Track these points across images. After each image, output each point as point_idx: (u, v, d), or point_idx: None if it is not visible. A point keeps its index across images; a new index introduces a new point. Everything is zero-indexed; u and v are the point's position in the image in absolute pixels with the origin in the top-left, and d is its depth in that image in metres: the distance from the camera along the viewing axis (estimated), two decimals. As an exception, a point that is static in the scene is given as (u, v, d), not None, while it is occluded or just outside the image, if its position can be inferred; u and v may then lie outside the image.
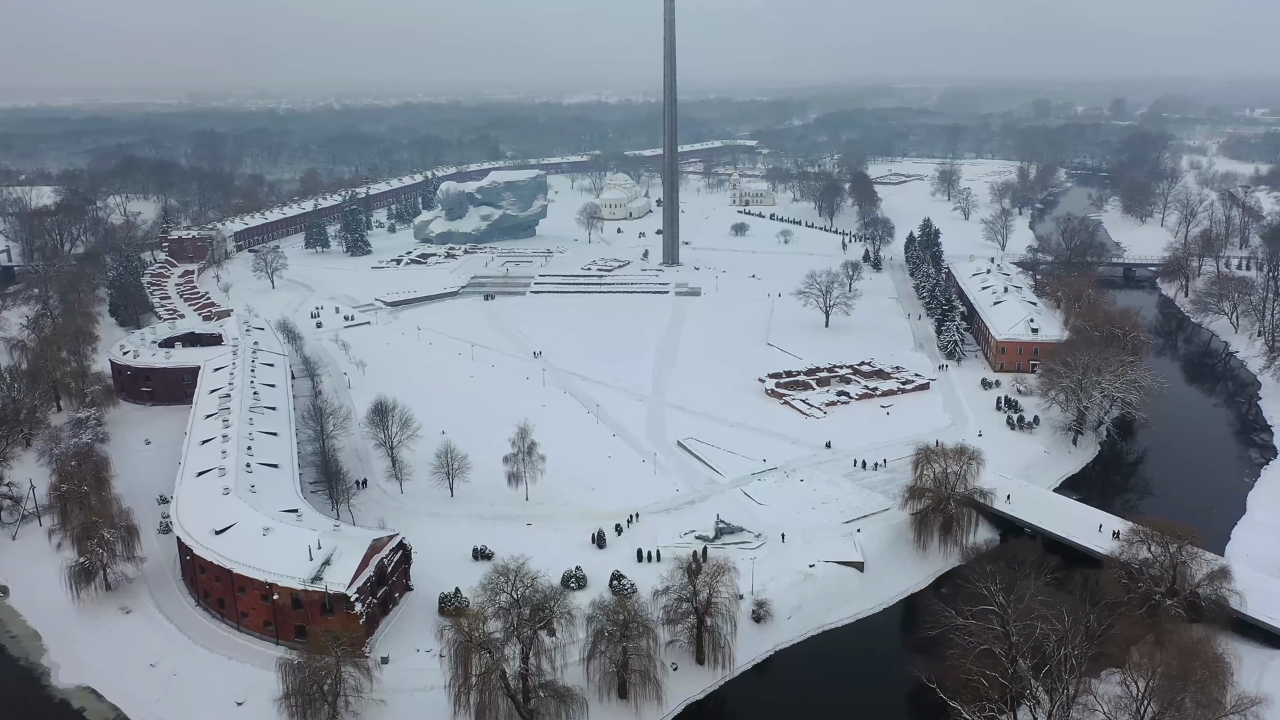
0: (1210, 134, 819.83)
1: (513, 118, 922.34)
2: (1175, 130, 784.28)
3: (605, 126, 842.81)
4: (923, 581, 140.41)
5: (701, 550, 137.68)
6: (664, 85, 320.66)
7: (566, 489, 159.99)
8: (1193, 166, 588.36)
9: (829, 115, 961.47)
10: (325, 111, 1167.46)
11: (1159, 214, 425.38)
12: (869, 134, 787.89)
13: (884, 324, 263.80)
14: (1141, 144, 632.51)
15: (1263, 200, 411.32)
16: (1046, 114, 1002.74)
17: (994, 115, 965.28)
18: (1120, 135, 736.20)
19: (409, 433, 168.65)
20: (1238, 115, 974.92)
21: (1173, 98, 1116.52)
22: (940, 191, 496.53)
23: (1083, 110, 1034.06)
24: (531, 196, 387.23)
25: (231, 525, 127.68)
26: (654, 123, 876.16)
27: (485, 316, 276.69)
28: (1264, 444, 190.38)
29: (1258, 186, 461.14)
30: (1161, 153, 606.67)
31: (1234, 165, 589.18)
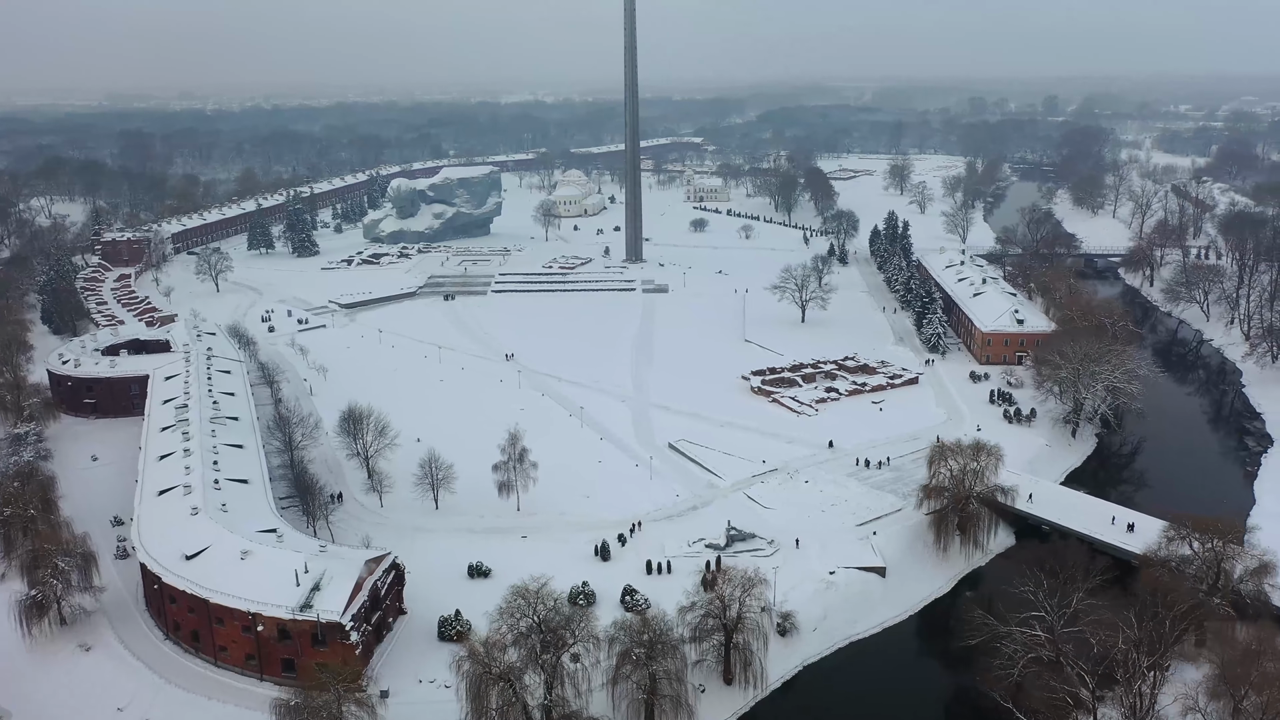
0: (1142, 129, 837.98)
1: (452, 116, 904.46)
2: (1107, 125, 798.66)
3: (547, 125, 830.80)
4: (945, 585, 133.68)
5: (715, 560, 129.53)
6: (624, 80, 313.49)
7: (560, 497, 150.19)
8: (1131, 160, 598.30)
9: (770, 112, 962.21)
10: (255, 111, 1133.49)
11: (1110, 206, 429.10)
12: (813, 130, 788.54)
13: (860, 318, 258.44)
14: (1082, 139, 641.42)
15: (1216, 194, 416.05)
16: (982, 110, 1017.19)
17: (931, 111, 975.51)
18: (1056, 131, 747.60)
19: (385, 441, 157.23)
20: (1165, 111, 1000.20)
21: (1101, 94, 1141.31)
22: (893, 186, 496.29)
23: (1016, 107, 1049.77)
24: (485, 193, 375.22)
25: (204, 549, 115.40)
26: (597, 121, 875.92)
27: (447, 317, 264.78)
28: (1258, 432, 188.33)
29: (1202, 179, 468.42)
30: (1103, 147, 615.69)
31: (1170, 158, 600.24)
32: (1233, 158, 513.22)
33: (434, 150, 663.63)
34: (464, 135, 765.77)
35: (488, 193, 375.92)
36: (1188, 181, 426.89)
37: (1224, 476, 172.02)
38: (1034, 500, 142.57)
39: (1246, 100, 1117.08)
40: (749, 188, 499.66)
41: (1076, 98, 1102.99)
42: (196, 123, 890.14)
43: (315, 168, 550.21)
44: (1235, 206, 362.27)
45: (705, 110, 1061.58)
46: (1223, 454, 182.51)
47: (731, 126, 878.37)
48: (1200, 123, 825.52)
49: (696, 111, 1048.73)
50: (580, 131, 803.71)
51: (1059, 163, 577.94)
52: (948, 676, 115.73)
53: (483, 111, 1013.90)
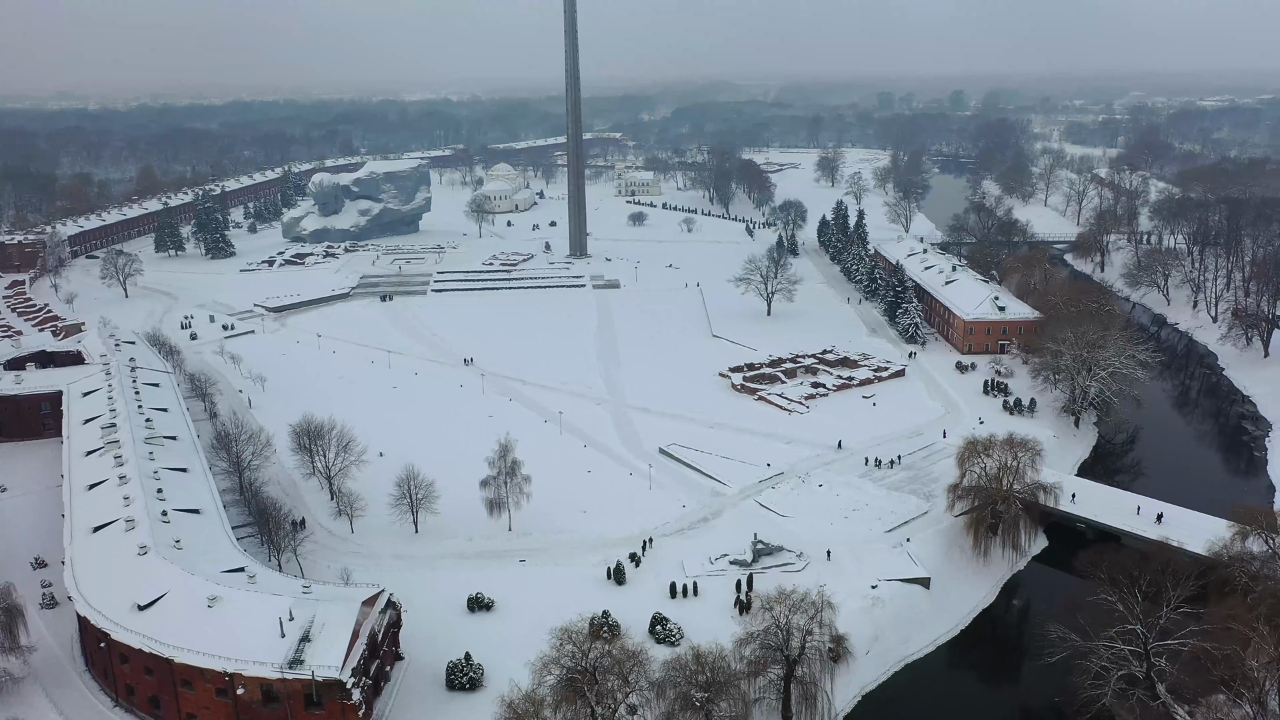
0: (1047, 122, 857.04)
1: (357, 113, 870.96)
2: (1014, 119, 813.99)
3: (459, 121, 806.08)
4: (990, 594, 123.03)
5: (746, 579, 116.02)
6: (566, 72, 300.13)
7: (554, 514, 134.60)
8: (1045, 150, 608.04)
9: (684, 108, 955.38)
10: (143, 110, 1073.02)
11: (1041, 194, 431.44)
12: (731, 125, 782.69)
13: (827, 310, 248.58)
14: (998, 131, 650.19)
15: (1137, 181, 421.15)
16: (890, 105, 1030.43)
17: (842, 107, 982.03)
18: (967, 125, 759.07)
19: (350, 458, 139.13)
20: (1065, 105, 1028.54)
21: (1001, 90, 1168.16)
22: (824, 178, 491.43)
23: (923, 103, 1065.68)
24: (414, 188, 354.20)
25: (161, 596, 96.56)
26: (510, 117, 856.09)
27: (388, 319, 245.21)
28: (1251, 415, 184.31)
29: (1121, 168, 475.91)
30: (1021, 139, 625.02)
31: (1082, 150, 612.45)
32: (1148, 147, 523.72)
33: (344, 147, 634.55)
34: (373, 132, 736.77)
35: (416, 188, 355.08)
36: (1112, 170, 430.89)
37: (1233, 462, 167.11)
38: (1076, 499, 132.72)
39: (1135, 95, 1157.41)
40: (679, 181, 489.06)
41: (979, 94, 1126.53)
42: (80, 121, 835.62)
43: (219, 166, 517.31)
44: (1163, 193, 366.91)
45: (617, 107, 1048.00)
46: (1224, 439, 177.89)
47: (648, 123, 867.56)
48: (1101, 116, 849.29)
49: (608, 108, 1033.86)
50: (494, 128, 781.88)
51: (979, 154, 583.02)
52: (1021, 697, 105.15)
53: (387, 110, 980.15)
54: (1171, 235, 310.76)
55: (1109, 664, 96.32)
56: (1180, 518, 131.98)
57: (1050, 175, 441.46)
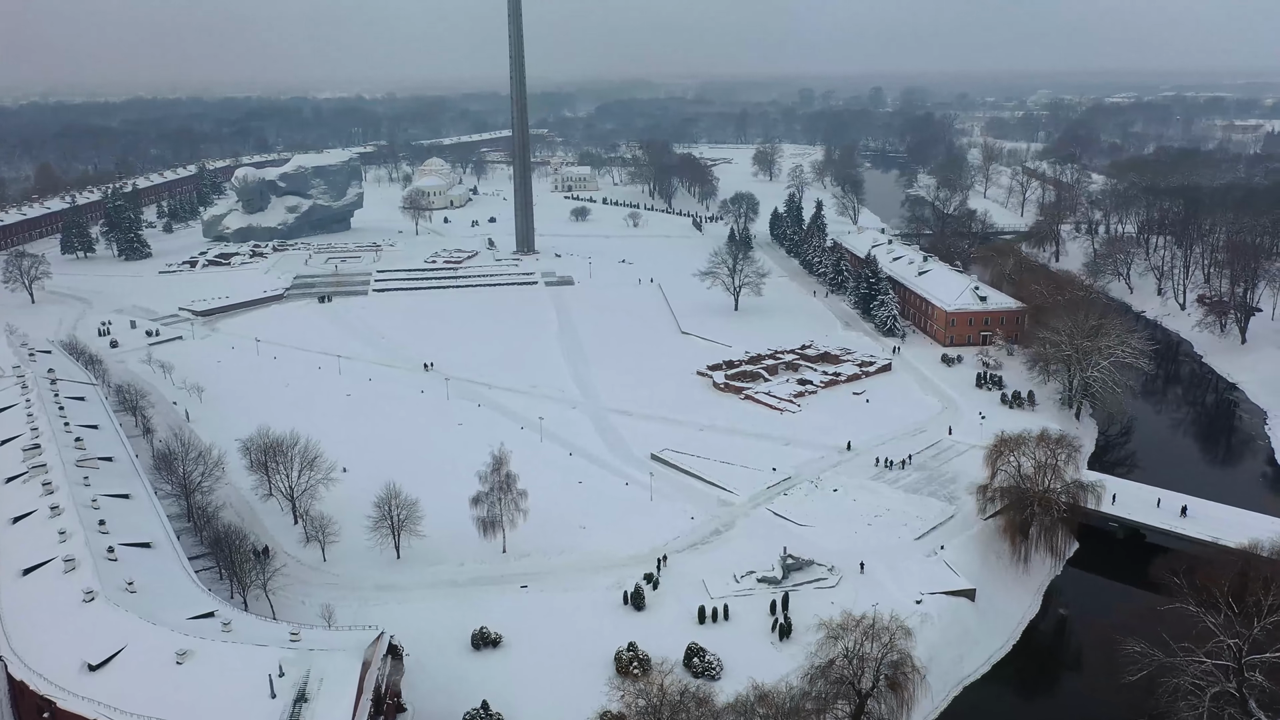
0: (965, 118, 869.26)
1: (269, 110, 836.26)
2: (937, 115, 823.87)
3: (377, 119, 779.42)
4: (1035, 603, 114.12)
5: (781, 599, 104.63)
6: (510, 64, 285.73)
7: (550, 532, 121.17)
8: (971, 145, 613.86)
9: (608, 105, 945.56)
10: (35, 108, 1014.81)
11: (979, 187, 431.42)
12: (658, 121, 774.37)
13: (794, 304, 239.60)
14: (924, 126, 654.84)
15: (1070, 172, 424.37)
16: (812, 102, 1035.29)
17: (764, 104, 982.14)
18: (892, 120, 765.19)
19: (318, 476, 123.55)
20: (981, 102, 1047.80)
21: (917, 88, 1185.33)
22: (762, 172, 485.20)
23: (843, 101, 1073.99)
24: (345, 184, 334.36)
25: (117, 652, 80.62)
26: (430, 114, 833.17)
27: (330, 321, 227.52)
28: (1242, 401, 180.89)
29: (1053, 159, 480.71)
30: (951, 134, 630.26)
31: (1007, 144, 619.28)
32: (1075, 140, 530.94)
33: (258, 144, 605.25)
34: (288, 129, 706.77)
35: (347, 183, 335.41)
36: (1055, 163, 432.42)
37: (1238, 451, 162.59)
38: (1116, 498, 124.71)
39: (1044, 93, 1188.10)
40: (616, 176, 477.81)
41: (895, 91, 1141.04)
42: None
43: (125, 164, 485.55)
44: (1104, 185, 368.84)
45: (537, 104, 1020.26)
46: (1221, 427, 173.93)
47: (572, 120, 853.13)
48: (1019, 112, 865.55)
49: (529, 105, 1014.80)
50: (414, 125, 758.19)
51: (909, 149, 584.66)
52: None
53: (300, 106, 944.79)
54: (1121, 224, 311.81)
55: (1199, 681, 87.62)
56: (1206, 511, 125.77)
57: (988, 168, 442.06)
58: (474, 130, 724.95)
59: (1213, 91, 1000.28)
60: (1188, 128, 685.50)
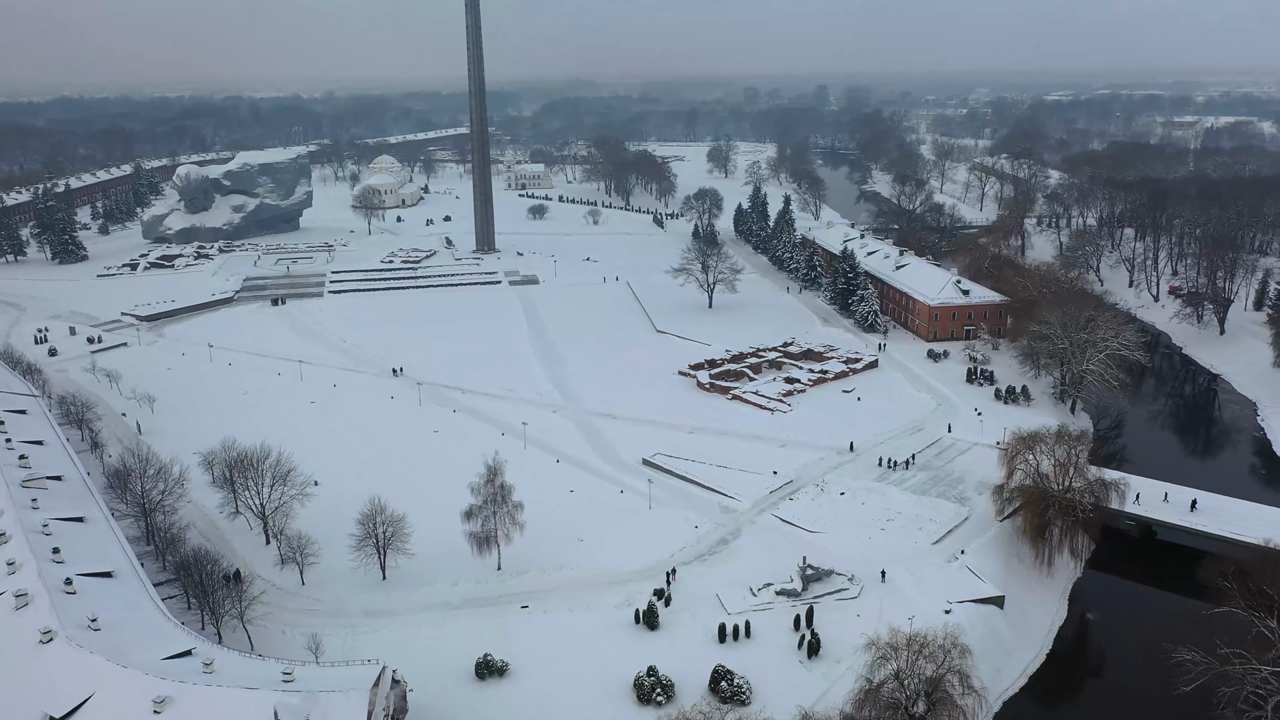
0: (910, 116, 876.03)
1: (204, 109, 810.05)
2: (886, 112, 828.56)
3: (318, 118, 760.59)
4: (1060, 608, 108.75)
5: (805, 613, 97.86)
6: (468, 58, 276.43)
7: (546, 546, 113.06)
8: (919, 142, 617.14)
9: (554, 103, 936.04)
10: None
11: (935, 182, 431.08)
12: (605, 120, 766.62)
13: (769, 300, 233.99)
14: (874, 123, 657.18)
15: (1045, 169, 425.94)
16: (757, 100, 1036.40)
17: (710, 102, 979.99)
18: (839, 118, 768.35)
19: (292, 491, 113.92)
20: (921, 100, 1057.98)
21: (860, 88, 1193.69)
22: (717, 169, 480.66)
23: (788, 100, 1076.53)
24: (293, 182, 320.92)
25: (85, 701, 70.90)
26: (373, 112, 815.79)
27: (286, 325, 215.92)
28: (1229, 392, 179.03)
29: (1006, 154, 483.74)
30: (901, 131, 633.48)
31: (950, 141, 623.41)
32: (1023, 136, 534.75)
33: (195, 143, 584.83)
34: (225, 128, 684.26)
35: (295, 181, 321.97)
36: (1012, 159, 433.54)
37: (1234, 441, 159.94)
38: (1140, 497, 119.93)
39: (982, 91, 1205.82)
40: (569, 174, 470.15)
41: (838, 90, 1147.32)
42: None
43: (55, 163, 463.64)
44: (1061, 179, 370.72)
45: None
46: (1213, 418, 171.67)
47: (519, 118, 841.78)
48: (962, 110, 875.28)
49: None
50: (356, 124, 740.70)
51: (861, 146, 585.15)
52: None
53: (237, 105, 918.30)
54: (1083, 218, 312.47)
55: (1259, 690, 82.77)
56: (1217, 505, 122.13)
57: (944, 165, 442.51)
58: (418, 129, 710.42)
59: (1145, 90, 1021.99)
60: (1128, 124, 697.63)
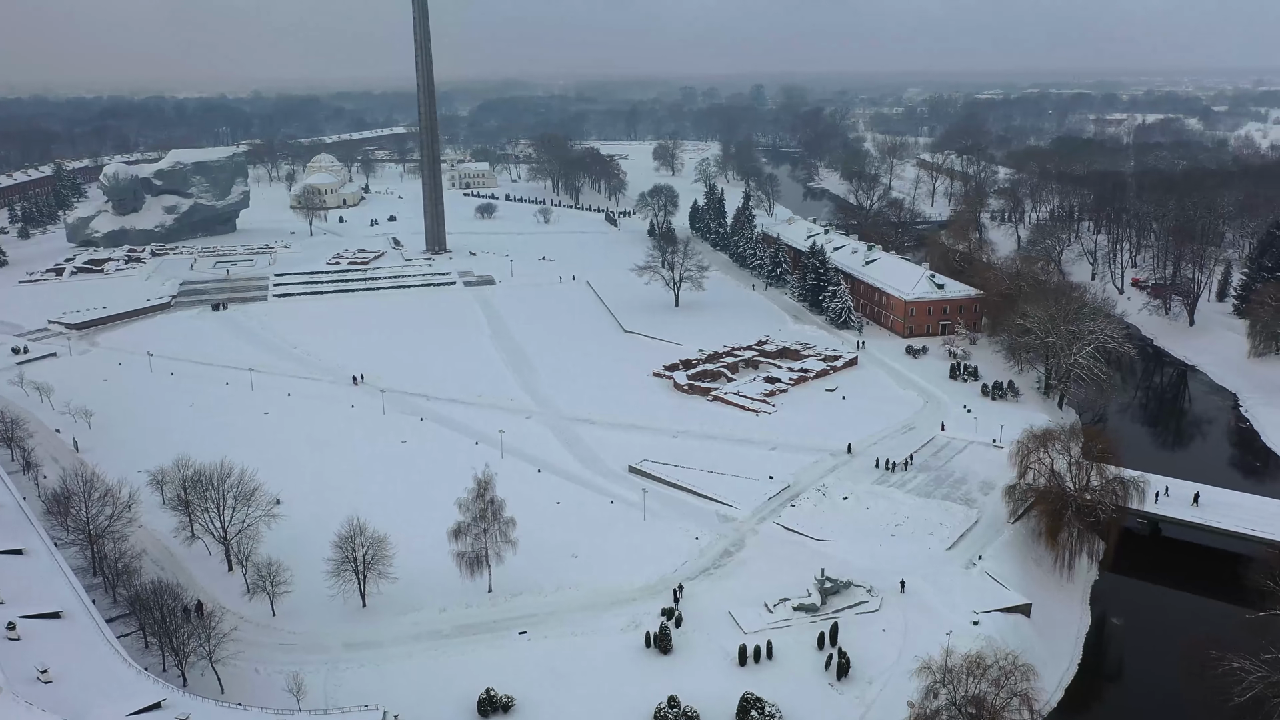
0: (851, 115, 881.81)
1: (125, 109, 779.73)
2: (828, 110, 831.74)
3: (248, 117, 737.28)
4: (1084, 614, 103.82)
5: (830, 630, 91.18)
6: (416, 52, 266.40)
7: (538, 564, 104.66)
8: (860, 139, 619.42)
9: (489, 102, 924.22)
10: None
11: (884, 179, 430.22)
12: (544, 119, 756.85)
13: (735, 298, 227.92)
14: (816, 121, 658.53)
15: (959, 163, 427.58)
16: (694, 100, 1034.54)
17: (646, 101, 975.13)
18: (779, 117, 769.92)
19: (257, 512, 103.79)
20: (857, 99, 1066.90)
21: (795, 87, 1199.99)
22: (663, 166, 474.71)
23: (725, 99, 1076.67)
24: (229, 181, 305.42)
25: (39, 772, 60.86)
26: (304, 112, 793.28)
27: (230, 331, 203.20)
28: (1207, 383, 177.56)
29: (954, 151, 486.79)
30: (844, 128, 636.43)
31: (891, 138, 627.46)
32: (965, 133, 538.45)
33: (119, 143, 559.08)
34: (149, 128, 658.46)
35: (232, 180, 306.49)
36: (957, 154, 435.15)
37: (1221, 432, 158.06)
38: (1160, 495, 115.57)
39: (914, 90, 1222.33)
40: (513, 173, 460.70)
41: (773, 90, 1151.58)
42: None
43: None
44: (1009, 175, 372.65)
45: (411, 102, 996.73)
46: (1196, 410, 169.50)
47: (455, 118, 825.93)
48: (896, 108, 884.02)
49: (405, 104, 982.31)
50: (287, 124, 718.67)
51: (806, 143, 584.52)
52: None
53: (160, 106, 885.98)
54: (1035, 212, 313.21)
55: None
56: (1221, 499, 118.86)
57: (891, 162, 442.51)
58: (353, 129, 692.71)
59: (1070, 89, 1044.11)
60: (1062, 120, 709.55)
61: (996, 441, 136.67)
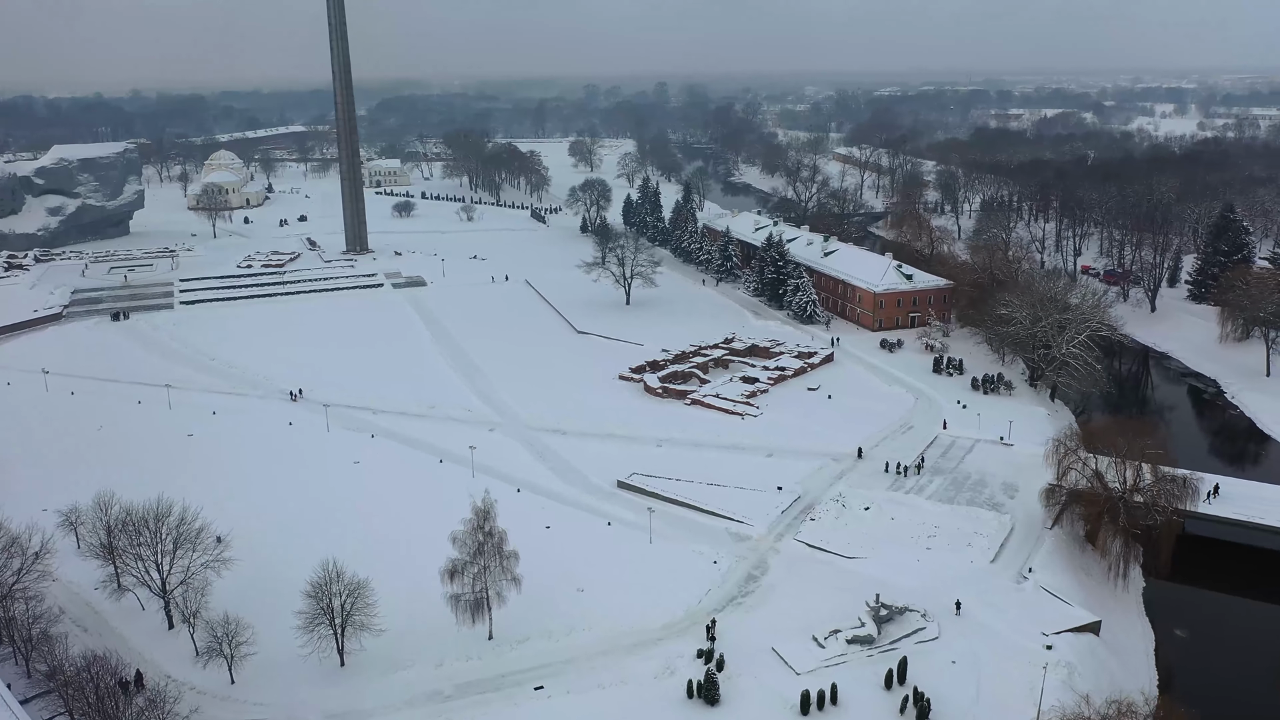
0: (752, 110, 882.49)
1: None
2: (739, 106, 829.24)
3: (130, 116, 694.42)
4: (1146, 628, 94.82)
5: (898, 666, 79.56)
6: (332, 53, 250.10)
7: (542, 602, 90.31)
8: (773, 135, 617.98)
9: (388, 100, 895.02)
10: None
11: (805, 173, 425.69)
12: (448, 116, 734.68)
13: (688, 295, 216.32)
14: (727, 118, 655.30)
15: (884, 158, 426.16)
16: (597, 97, 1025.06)
17: (550, 100, 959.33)
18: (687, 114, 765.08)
19: (205, 557, 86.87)
20: (761, 96, 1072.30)
21: (697, 85, 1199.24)
22: (581, 163, 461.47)
23: (629, 96, 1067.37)
24: (120, 180, 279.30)
25: None
26: (190, 111, 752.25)
27: (135, 343, 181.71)
28: (1184, 369, 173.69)
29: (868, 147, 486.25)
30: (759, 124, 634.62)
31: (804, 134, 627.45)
32: (879, 127, 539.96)
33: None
34: (19, 127, 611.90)
35: (123, 179, 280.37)
36: (884, 149, 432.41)
37: (1217, 421, 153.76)
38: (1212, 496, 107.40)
39: (811, 89, 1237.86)
40: (425, 170, 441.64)
41: (676, 87, 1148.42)
42: None
43: None
44: (936, 168, 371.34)
45: (309, 101, 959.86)
46: (1182, 398, 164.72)
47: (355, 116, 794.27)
48: (801, 106, 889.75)
49: (298, 103, 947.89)
50: (173, 123, 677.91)
51: (721, 140, 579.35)
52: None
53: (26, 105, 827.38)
54: (968, 202, 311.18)
55: None
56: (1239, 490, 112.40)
57: (814, 157, 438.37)
58: (245, 128, 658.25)
59: (963, 86, 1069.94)
60: (965, 115, 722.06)
61: (1004, 439, 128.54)
